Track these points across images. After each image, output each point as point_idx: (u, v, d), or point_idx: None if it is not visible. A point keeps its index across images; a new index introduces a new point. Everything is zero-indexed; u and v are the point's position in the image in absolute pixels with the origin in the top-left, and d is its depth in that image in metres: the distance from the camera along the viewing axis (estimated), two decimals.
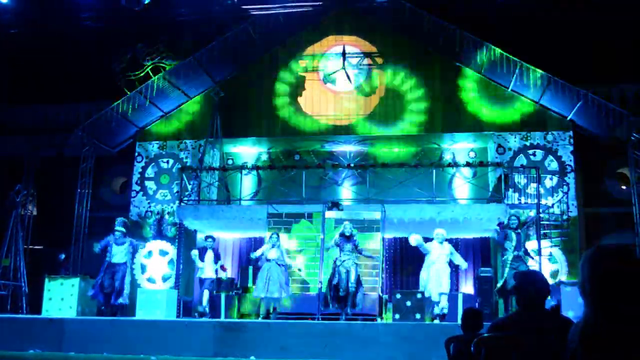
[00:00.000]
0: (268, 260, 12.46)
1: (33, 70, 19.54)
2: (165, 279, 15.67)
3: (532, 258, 12.70)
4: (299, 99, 16.56)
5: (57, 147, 17.33)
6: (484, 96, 15.92)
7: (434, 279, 12.11)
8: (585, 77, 16.06)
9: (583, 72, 16.16)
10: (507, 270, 12.03)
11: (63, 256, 15.40)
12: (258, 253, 12.73)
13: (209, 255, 13.70)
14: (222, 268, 14.02)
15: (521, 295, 3.45)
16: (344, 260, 11.98)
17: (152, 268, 15.90)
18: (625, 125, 14.77)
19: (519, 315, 3.46)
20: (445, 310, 12.10)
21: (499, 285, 12.36)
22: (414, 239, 12.43)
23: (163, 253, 15.92)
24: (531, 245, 13.45)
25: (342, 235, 12.21)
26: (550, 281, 14.17)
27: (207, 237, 14.05)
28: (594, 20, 16.98)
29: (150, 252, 15.96)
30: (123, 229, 13.59)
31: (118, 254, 13.31)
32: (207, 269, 13.61)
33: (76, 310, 13.24)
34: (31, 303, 15.23)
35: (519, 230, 12.19)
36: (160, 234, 16.08)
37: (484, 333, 3.60)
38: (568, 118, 15.40)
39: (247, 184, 16.42)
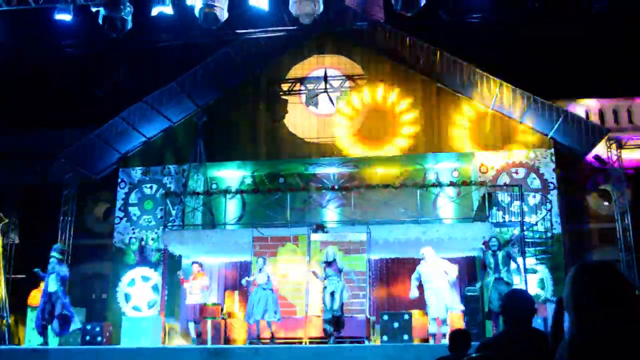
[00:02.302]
0: (258, 285, 12.34)
1: (15, 97, 19.44)
2: (150, 306, 15.50)
3: (519, 274, 12.55)
4: (282, 122, 16.59)
5: (39, 174, 17.20)
6: (465, 116, 16.05)
7: (434, 296, 11.95)
8: (564, 93, 16.29)
9: (562, 89, 16.40)
10: (488, 292, 11.95)
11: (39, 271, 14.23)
12: (250, 279, 12.58)
13: (194, 279, 13.45)
14: (182, 282, 13.62)
15: (508, 314, 3.45)
16: (328, 287, 11.85)
17: (137, 295, 15.73)
18: (605, 142, 14.96)
19: (507, 334, 3.46)
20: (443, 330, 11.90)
21: (485, 310, 12.22)
22: (412, 295, 12.24)
23: (146, 279, 15.78)
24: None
25: (325, 262, 12.09)
26: (540, 293, 14.22)
27: (193, 263, 13.88)
28: (572, 38, 17.26)
29: (133, 280, 15.82)
30: (58, 256, 12.74)
31: (50, 282, 12.41)
32: (192, 295, 13.36)
33: (59, 339, 13.04)
34: (14, 333, 15.00)
35: (498, 252, 12.08)
36: (143, 261, 15.94)
37: (472, 353, 3.60)
38: (549, 136, 15.55)
39: (231, 208, 16.37)
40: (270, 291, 12.29)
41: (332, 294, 11.70)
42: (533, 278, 14.29)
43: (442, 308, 11.84)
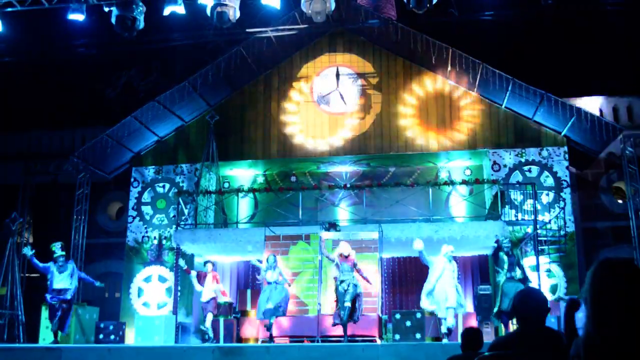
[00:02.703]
0: (269, 282, 12.39)
1: (27, 97, 19.58)
2: (160, 307, 15.56)
3: (528, 279, 12.34)
4: (294, 121, 16.60)
5: (52, 174, 17.32)
6: (478, 113, 15.98)
7: (441, 293, 11.87)
8: (578, 91, 16.19)
9: (575, 86, 16.31)
10: (499, 293, 11.85)
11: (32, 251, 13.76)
12: (259, 265, 12.72)
13: (208, 278, 13.47)
14: (222, 293, 13.73)
15: (521, 314, 3.42)
16: (342, 281, 11.86)
17: (149, 292, 15.80)
18: (619, 139, 14.84)
19: (520, 333, 3.43)
20: (451, 325, 11.81)
21: (495, 309, 12.11)
22: (419, 243, 12.04)
23: (162, 279, 15.85)
24: (529, 261, 13.39)
25: (340, 255, 12.12)
26: (549, 297, 14.14)
27: (206, 262, 13.91)
28: (585, 35, 17.15)
29: (150, 277, 15.90)
30: (64, 252, 12.68)
31: (62, 280, 12.35)
32: (206, 292, 13.37)
33: (73, 338, 13.12)
34: (28, 332, 15.10)
35: (512, 253, 11.98)
36: (158, 259, 16.01)
37: (485, 352, 3.57)
38: (562, 134, 15.46)
39: (243, 207, 16.39)
40: (282, 288, 12.31)
41: (345, 292, 11.66)
42: (546, 284, 14.17)
43: (450, 303, 11.73)
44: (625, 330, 2.20)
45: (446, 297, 11.78)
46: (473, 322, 13.15)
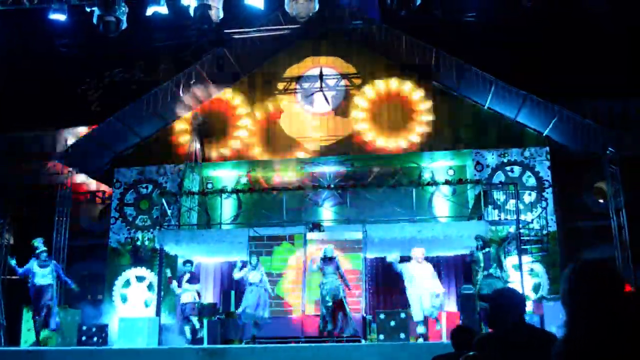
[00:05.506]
0: (250, 284, 12.36)
1: (9, 97, 19.37)
2: (147, 305, 15.49)
3: (505, 273, 12.38)
4: (277, 121, 16.58)
5: (34, 175, 17.15)
6: (460, 114, 16.07)
7: (415, 299, 11.91)
8: (559, 92, 16.30)
9: (557, 87, 16.41)
10: (477, 289, 11.88)
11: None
12: (240, 274, 12.58)
13: (186, 278, 13.40)
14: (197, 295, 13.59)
15: (498, 313, 3.43)
16: (325, 283, 11.84)
17: (132, 296, 15.72)
18: (600, 140, 14.98)
19: (499, 332, 3.44)
20: (423, 331, 11.84)
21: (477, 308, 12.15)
22: (392, 256, 12.13)
23: (140, 279, 15.78)
24: (512, 261, 13.47)
25: (323, 258, 12.09)
26: (533, 296, 14.25)
27: (185, 262, 13.86)
28: (566, 37, 17.29)
29: (128, 281, 15.81)
30: (46, 248, 12.62)
31: (44, 276, 12.20)
32: (185, 294, 13.32)
33: (55, 340, 13.00)
34: (9, 335, 14.92)
35: (487, 249, 12.00)
36: (138, 261, 15.91)
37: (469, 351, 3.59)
38: (544, 134, 15.58)
39: (227, 207, 16.35)
40: (264, 290, 12.27)
41: (334, 296, 11.59)
42: (529, 283, 14.26)
43: (422, 312, 11.75)
44: (599, 331, 2.22)
45: (421, 304, 11.75)
46: (457, 322, 13.19)
